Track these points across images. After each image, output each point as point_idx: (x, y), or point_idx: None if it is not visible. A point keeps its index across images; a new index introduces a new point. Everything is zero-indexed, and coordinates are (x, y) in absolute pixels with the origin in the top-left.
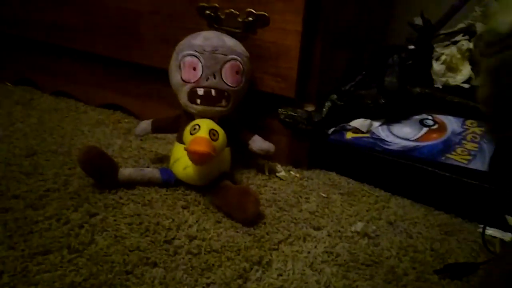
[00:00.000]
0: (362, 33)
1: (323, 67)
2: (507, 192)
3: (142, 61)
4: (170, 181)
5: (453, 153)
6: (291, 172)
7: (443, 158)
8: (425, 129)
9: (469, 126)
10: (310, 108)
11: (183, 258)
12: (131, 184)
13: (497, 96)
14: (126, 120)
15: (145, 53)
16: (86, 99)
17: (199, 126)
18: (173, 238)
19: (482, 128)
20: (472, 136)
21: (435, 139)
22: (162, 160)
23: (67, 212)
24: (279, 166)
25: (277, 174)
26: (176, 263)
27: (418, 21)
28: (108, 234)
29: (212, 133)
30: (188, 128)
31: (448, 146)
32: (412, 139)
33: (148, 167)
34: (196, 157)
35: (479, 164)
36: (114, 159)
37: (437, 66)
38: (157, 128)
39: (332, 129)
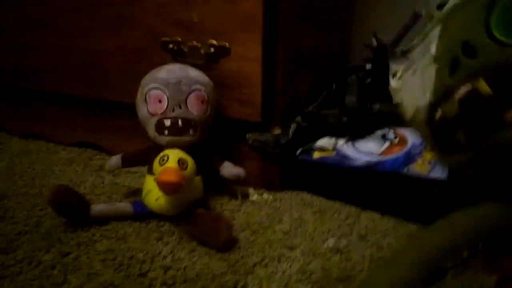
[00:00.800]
0: (322, 56)
1: (286, 90)
2: (465, 198)
3: (110, 97)
4: (143, 213)
5: (415, 164)
6: (264, 195)
7: (405, 169)
8: (387, 143)
9: None
10: (277, 131)
11: None
12: (104, 220)
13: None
14: (97, 157)
15: (112, 89)
16: (56, 139)
17: (168, 156)
18: (148, 271)
19: None
20: None
21: (397, 152)
22: (136, 193)
23: (39, 253)
24: (251, 189)
25: (250, 198)
26: None
27: (374, 40)
28: (81, 273)
29: (181, 162)
30: (157, 159)
31: (409, 157)
32: (375, 154)
33: (121, 201)
34: (165, 187)
35: (439, 173)
36: (85, 197)
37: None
38: (127, 162)
39: (299, 150)
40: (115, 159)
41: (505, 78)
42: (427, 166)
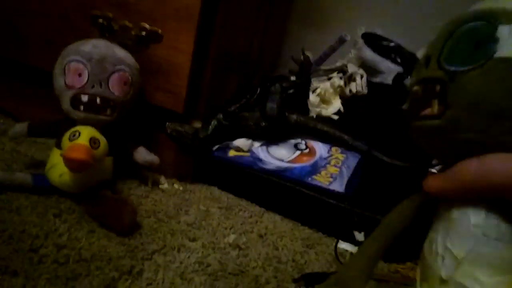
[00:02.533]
0: (252, 61)
1: (212, 87)
2: (357, 211)
3: (24, 60)
4: (44, 187)
5: (318, 175)
6: (175, 185)
7: (309, 179)
8: (297, 152)
9: (334, 152)
10: (197, 124)
11: (48, 267)
12: None
13: None
14: (1, 121)
15: (28, 52)
16: None
17: (79, 132)
18: (40, 247)
19: (344, 155)
20: (335, 161)
21: (305, 162)
22: (39, 165)
23: None
24: (163, 178)
25: (160, 186)
26: (39, 272)
27: (301, 55)
28: None
29: (93, 141)
30: (67, 134)
31: (315, 168)
32: (286, 160)
33: (21, 171)
34: (72, 164)
35: (338, 186)
36: None
37: (312, 98)
38: (34, 132)
39: (216, 146)
40: (20, 126)
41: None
42: (329, 179)
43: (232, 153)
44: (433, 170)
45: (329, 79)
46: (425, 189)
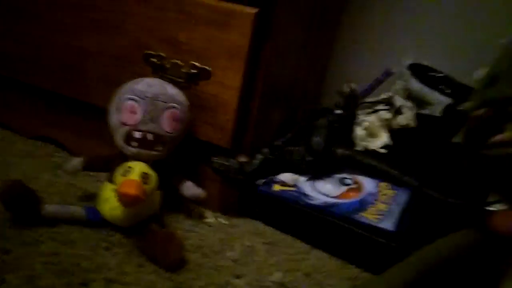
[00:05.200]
0: (297, 95)
1: (258, 122)
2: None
3: (83, 97)
4: (96, 221)
5: (366, 211)
6: (220, 219)
7: (357, 216)
8: (344, 188)
9: (382, 188)
10: (243, 159)
11: None
12: (54, 221)
13: None
14: (58, 154)
15: (86, 90)
16: (19, 130)
17: (132, 168)
18: (90, 281)
19: (394, 191)
20: (384, 197)
21: (352, 198)
22: (91, 198)
23: None
24: (208, 212)
25: (206, 220)
26: None
27: (346, 88)
28: (21, 274)
29: (145, 176)
30: (120, 169)
31: (363, 205)
32: (332, 196)
33: (75, 204)
34: (125, 200)
35: (387, 224)
36: (38, 194)
37: (359, 131)
38: (89, 166)
39: (262, 181)
40: (76, 161)
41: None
42: (377, 216)
43: (277, 187)
44: (494, 208)
45: (376, 111)
46: (492, 229)
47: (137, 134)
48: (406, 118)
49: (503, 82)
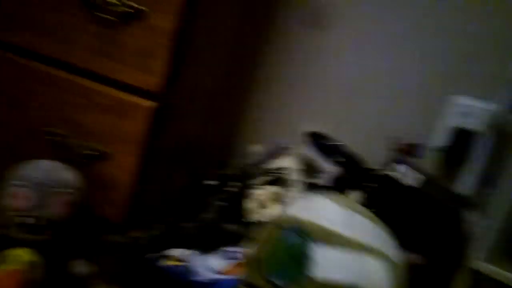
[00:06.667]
0: (201, 160)
1: (153, 201)
2: None
3: None
4: None
5: None
6: None
7: None
8: (231, 262)
9: None
10: (136, 234)
11: None
12: None
13: None
14: None
15: None
16: None
17: (13, 257)
18: None
19: None
20: None
21: (236, 273)
22: None
23: None
24: (103, 285)
25: None
26: None
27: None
28: None
29: (28, 265)
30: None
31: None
32: (218, 271)
33: None
34: None
35: None
36: None
37: (250, 204)
38: None
39: (154, 255)
40: None
41: None
42: None
43: (166, 261)
44: None
45: (270, 182)
46: None
47: (30, 220)
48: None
49: (263, 271)
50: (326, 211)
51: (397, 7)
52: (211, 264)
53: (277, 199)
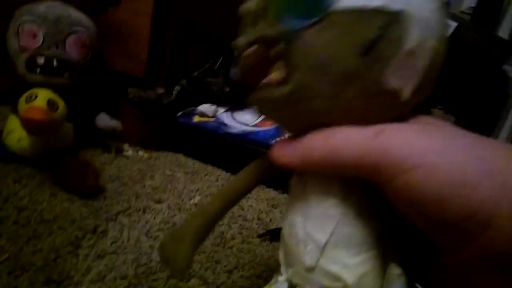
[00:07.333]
0: (216, 30)
1: (174, 52)
2: None
3: None
4: (2, 154)
5: (284, 136)
6: (139, 152)
7: (274, 141)
8: (262, 116)
9: None
10: (160, 90)
11: (9, 228)
12: None
13: None
14: None
15: None
16: None
17: (36, 95)
18: None
19: None
20: None
21: (269, 125)
22: None
23: None
24: (126, 145)
25: (124, 153)
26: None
27: None
28: None
29: (51, 103)
30: (23, 97)
31: (279, 132)
32: (250, 124)
33: None
34: (30, 126)
35: None
36: None
37: None
38: None
39: (180, 112)
40: None
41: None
42: None
43: (196, 118)
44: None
45: None
46: (273, 160)
47: (40, 60)
48: None
49: (272, 16)
50: None
51: None
52: (241, 119)
53: None
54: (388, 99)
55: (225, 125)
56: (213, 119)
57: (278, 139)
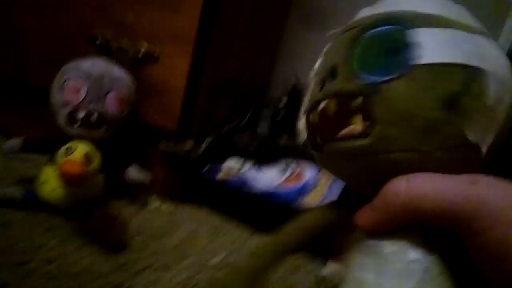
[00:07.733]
0: (244, 85)
1: (205, 108)
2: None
3: (21, 78)
4: (34, 202)
5: (308, 196)
6: (165, 204)
7: (298, 200)
8: (286, 175)
9: (323, 175)
10: (190, 145)
11: (36, 281)
12: None
13: None
14: None
15: (25, 70)
16: None
17: (74, 148)
18: (29, 261)
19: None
20: (325, 181)
21: (294, 184)
22: (29, 182)
23: None
24: (153, 197)
25: (150, 205)
26: (28, 286)
27: (293, 79)
28: None
29: (87, 156)
30: (62, 149)
31: (303, 191)
32: (274, 183)
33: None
34: (67, 178)
35: None
36: None
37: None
38: (28, 146)
39: (207, 167)
40: (14, 142)
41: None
42: (319, 198)
43: (221, 175)
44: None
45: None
46: (360, 227)
47: (81, 114)
48: None
49: (343, 74)
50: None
51: None
52: (266, 176)
53: None
54: (469, 152)
55: (248, 183)
56: (237, 175)
57: (304, 197)
